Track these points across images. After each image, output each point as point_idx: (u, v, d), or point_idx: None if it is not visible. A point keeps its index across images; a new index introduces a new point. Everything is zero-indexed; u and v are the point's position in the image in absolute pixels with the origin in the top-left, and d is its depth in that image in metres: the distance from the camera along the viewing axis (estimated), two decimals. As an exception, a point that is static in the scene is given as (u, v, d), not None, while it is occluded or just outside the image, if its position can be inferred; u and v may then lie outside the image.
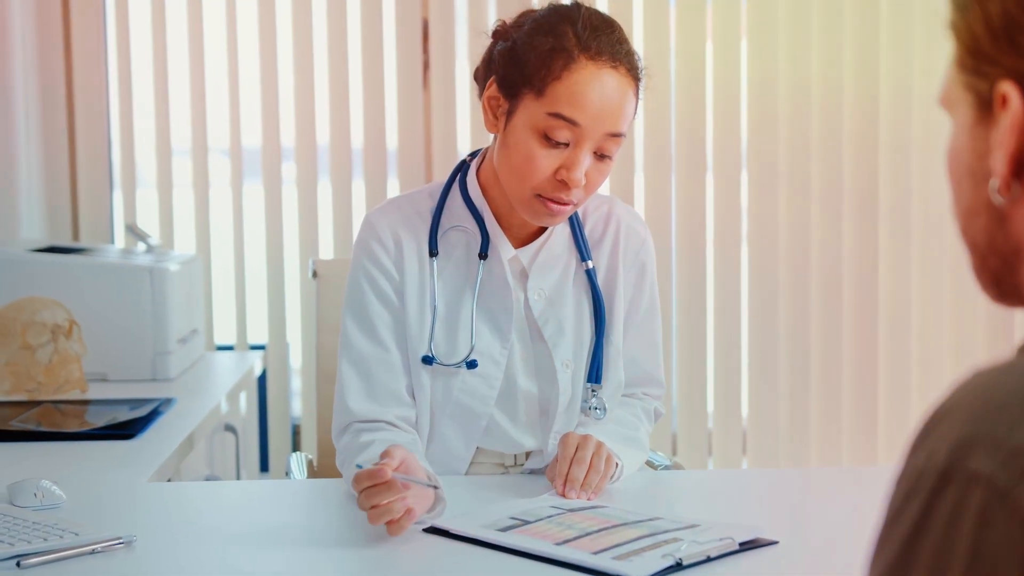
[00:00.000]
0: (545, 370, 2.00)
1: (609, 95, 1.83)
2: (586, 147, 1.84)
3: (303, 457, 2.37)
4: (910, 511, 0.71)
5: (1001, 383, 0.72)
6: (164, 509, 1.89)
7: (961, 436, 0.70)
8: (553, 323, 1.99)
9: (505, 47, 1.89)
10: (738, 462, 3.85)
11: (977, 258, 0.88)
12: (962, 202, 0.87)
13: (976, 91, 0.84)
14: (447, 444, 1.99)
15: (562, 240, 2.02)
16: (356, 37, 3.78)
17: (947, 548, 0.68)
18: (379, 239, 1.98)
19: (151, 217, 3.83)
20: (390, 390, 1.95)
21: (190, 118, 3.81)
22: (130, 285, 2.94)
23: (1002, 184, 0.82)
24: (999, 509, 0.67)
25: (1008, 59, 0.80)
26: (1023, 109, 0.80)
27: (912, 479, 0.72)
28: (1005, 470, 0.67)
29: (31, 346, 2.69)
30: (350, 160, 3.80)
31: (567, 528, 1.66)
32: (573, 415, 2.01)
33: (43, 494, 1.83)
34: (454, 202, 2.01)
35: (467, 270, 1.99)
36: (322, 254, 3.81)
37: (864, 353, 3.79)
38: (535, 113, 1.84)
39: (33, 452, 2.23)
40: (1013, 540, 0.66)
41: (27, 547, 1.59)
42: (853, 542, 1.33)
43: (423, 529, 1.70)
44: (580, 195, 1.87)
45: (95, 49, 3.75)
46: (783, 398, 3.82)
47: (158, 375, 2.93)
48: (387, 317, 1.97)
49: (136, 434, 2.35)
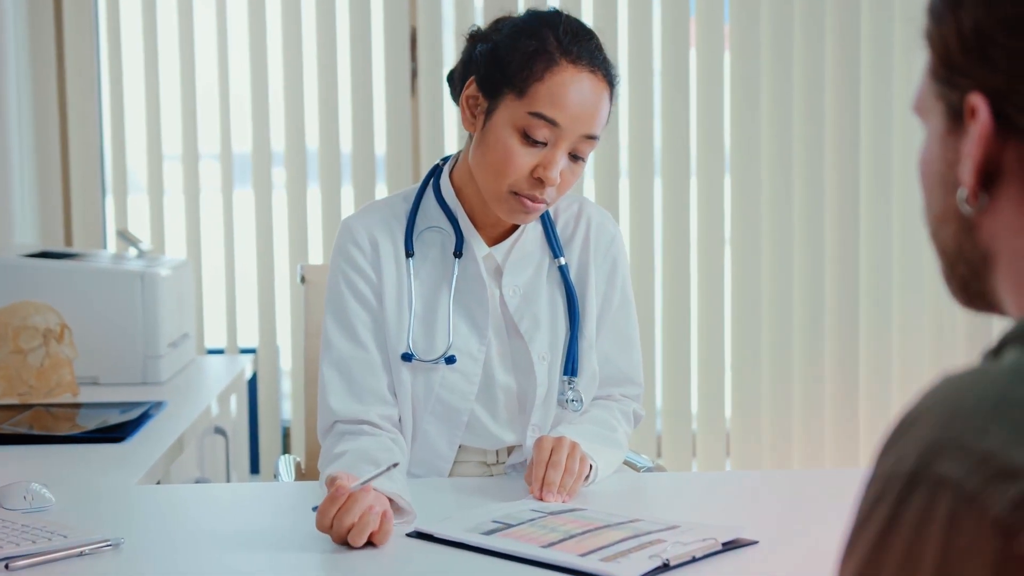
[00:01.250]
0: (522, 364, 2.02)
1: (587, 98, 1.87)
2: (563, 147, 1.87)
3: (291, 460, 2.37)
4: (879, 515, 0.71)
5: (969, 388, 0.72)
6: (153, 511, 1.88)
7: (929, 441, 0.70)
8: (529, 318, 2.01)
9: (486, 48, 1.92)
10: (722, 464, 3.85)
11: (946, 264, 0.88)
12: (933, 209, 0.88)
13: (948, 101, 0.84)
14: (431, 443, 2.00)
15: (535, 237, 2.05)
16: (345, 44, 3.78)
17: (915, 552, 0.68)
18: (356, 242, 2.00)
19: (142, 222, 3.82)
20: (371, 390, 1.97)
21: (181, 124, 3.80)
22: (121, 290, 2.93)
23: (970, 194, 0.82)
24: (967, 514, 0.67)
25: (978, 72, 0.80)
26: (990, 121, 0.80)
27: (881, 483, 0.72)
28: (973, 475, 0.67)
29: (23, 350, 2.69)
30: (339, 165, 3.80)
31: (551, 531, 1.66)
32: (550, 407, 2.03)
33: (32, 497, 1.82)
34: (428, 203, 2.04)
35: (443, 269, 2.01)
36: (311, 259, 3.80)
37: (845, 356, 3.80)
38: (516, 112, 1.87)
39: (24, 455, 2.22)
40: (981, 545, 0.66)
41: (15, 549, 1.59)
42: (834, 542, 1.33)
43: (407, 534, 1.69)
44: (553, 194, 1.90)
45: (87, 56, 3.75)
46: (766, 401, 3.83)
47: (149, 379, 2.92)
48: (366, 318, 1.99)
49: (126, 437, 2.35)
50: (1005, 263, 0.83)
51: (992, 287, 0.85)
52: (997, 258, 0.83)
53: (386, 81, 3.78)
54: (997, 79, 0.79)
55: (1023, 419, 0.68)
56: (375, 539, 1.64)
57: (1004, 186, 0.81)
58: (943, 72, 0.84)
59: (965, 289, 0.87)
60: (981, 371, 0.73)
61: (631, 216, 3.79)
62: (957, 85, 0.82)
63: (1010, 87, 0.79)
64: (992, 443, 0.68)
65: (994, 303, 0.86)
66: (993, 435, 0.68)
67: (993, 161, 0.81)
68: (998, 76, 0.79)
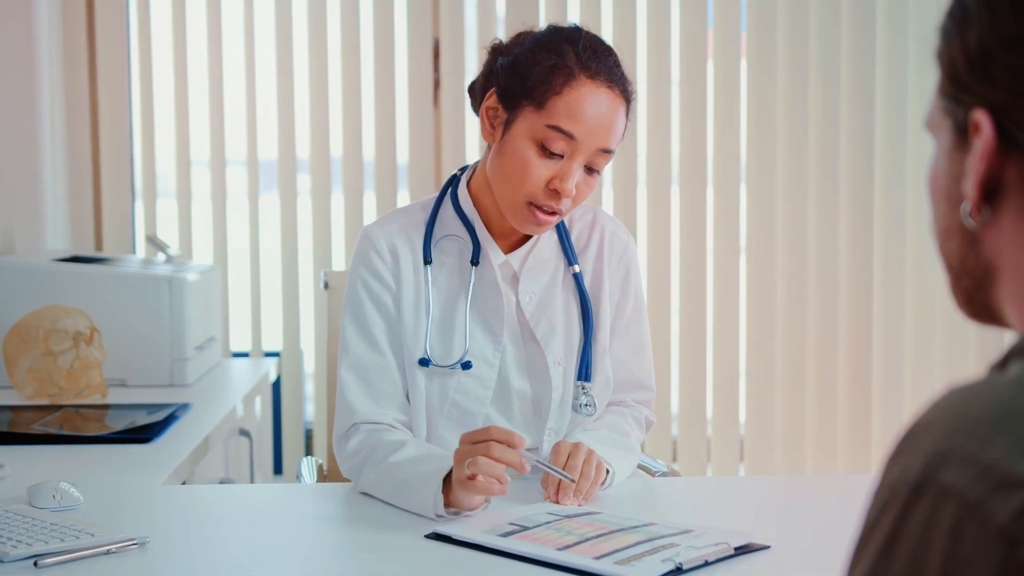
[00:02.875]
0: (537, 369, 2.03)
1: (604, 113, 1.88)
2: (579, 160, 1.88)
3: (313, 461, 2.37)
4: (885, 523, 0.71)
5: (974, 400, 0.72)
6: (178, 511, 1.89)
7: (935, 451, 0.70)
8: (544, 324, 2.02)
9: (507, 61, 1.93)
10: (735, 468, 3.85)
11: (952, 276, 0.89)
12: (939, 222, 0.88)
13: (954, 117, 0.84)
14: (446, 446, 2.00)
15: (550, 245, 2.06)
16: (369, 55, 3.79)
17: (920, 560, 0.68)
18: (376, 250, 2.01)
19: (171, 228, 3.84)
20: (388, 394, 1.98)
21: (209, 132, 3.82)
22: (150, 294, 2.94)
23: (973, 208, 0.83)
24: (970, 522, 0.67)
25: (983, 89, 0.81)
26: (993, 137, 0.81)
27: (887, 492, 0.72)
28: (977, 485, 0.67)
29: (53, 352, 2.70)
30: (362, 173, 3.81)
31: (566, 534, 1.66)
32: (566, 411, 2.03)
33: (61, 496, 1.83)
34: (446, 212, 2.04)
35: (460, 276, 2.02)
36: (334, 265, 3.81)
37: (859, 364, 3.78)
38: (534, 124, 1.87)
39: (53, 455, 2.23)
40: (984, 553, 0.66)
41: (44, 547, 1.60)
42: (845, 547, 1.33)
43: (425, 535, 1.70)
44: (567, 205, 1.91)
45: (118, 67, 3.77)
46: (780, 407, 3.82)
47: (175, 381, 2.94)
48: (383, 324, 2.00)
49: (153, 438, 2.36)
50: (1008, 276, 0.83)
51: (995, 300, 0.85)
52: (1000, 272, 0.84)
53: (409, 91, 3.79)
54: (998, 95, 0.80)
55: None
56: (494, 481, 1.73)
57: (1006, 201, 0.81)
58: (950, 89, 0.85)
59: (970, 302, 0.88)
60: (986, 383, 0.73)
61: (648, 223, 3.79)
62: (962, 102, 0.83)
63: (1010, 103, 0.80)
64: (995, 454, 0.68)
65: (998, 316, 0.86)
66: (997, 446, 0.68)
67: (995, 176, 0.81)
68: (999, 92, 0.80)
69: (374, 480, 1.87)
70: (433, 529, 1.71)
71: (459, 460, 1.74)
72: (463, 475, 1.72)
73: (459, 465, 1.73)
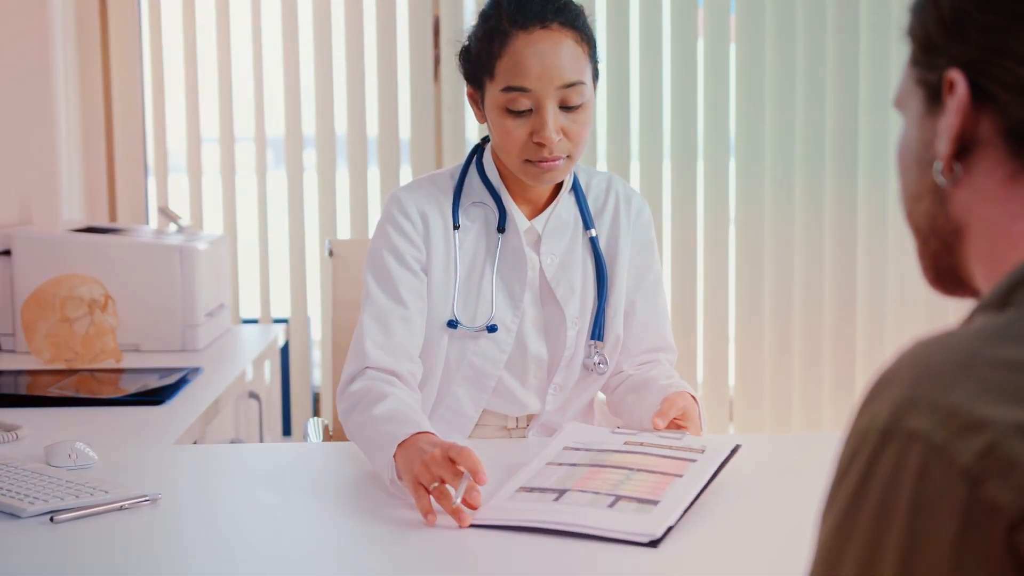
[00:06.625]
0: (555, 330, 2.02)
1: (547, 53, 1.85)
2: (547, 106, 1.86)
3: (320, 422, 2.38)
4: (856, 468, 0.71)
5: (939, 350, 0.72)
6: (189, 469, 1.89)
7: (901, 398, 0.70)
8: (565, 284, 2.02)
9: (463, 47, 1.96)
10: (725, 428, 3.86)
11: (920, 241, 0.89)
12: (908, 188, 0.89)
13: (927, 83, 0.85)
14: (457, 405, 2.01)
15: (570, 209, 2.05)
16: (372, 34, 3.77)
17: (890, 500, 0.69)
18: (406, 212, 1.99)
19: (182, 200, 3.84)
20: (404, 346, 1.93)
21: (218, 109, 3.81)
22: (162, 263, 2.94)
23: (945, 166, 0.83)
24: (936, 464, 0.67)
25: (955, 48, 0.82)
26: (967, 93, 0.81)
27: (857, 439, 0.72)
28: (941, 428, 0.68)
29: (69, 319, 2.70)
30: (366, 148, 3.81)
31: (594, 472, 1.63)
32: (574, 369, 2.04)
33: (77, 455, 1.84)
34: (473, 180, 2.04)
35: (487, 242, 2.01)
36: (339, 235, 3.81)
37: (843, 327, 3.79)
38: (494, 93, 1.88)
39: (70, 416, 2.24)
40: (950, 491, 0.66)
41: (60, 503, 1.60)
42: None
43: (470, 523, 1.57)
44: (565, 146, 1.89)
45: (131, 46, 3.76)
46: (767, 369, 3.82)
47: (187, 346, 2.94)
48: (409, 280, 1.97)
49: (165, 400, 2.36)
50: (976, 233, 0.83)
51: (962, 261, 0.86)
52: (968, 230, 0.84)
53: (410, 69, 3.78)
54: (974, 51, 0.80)
55: (988, 376, 0.69)
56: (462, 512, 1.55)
57: (978, 156, 0.82)
58: (922, 56, 0.85)
59: (936, 266, 0.89)
60: (950, 334, 0.74)
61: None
62: (936, 65, 0.83)
63: (984, 59, 0.80)
64: (959, 398, 0.68)
65: (964, 281, 0.87)
66: (960, 391, 0.68)
67: (969, 132, 0.82)
68: (974, 49, 0.80)
69: (356, 428, 1.80)
70: None
71: (419, 474, 1.58)
72: (412, 481, 1.59)
73: (412, 475, 1.59)
